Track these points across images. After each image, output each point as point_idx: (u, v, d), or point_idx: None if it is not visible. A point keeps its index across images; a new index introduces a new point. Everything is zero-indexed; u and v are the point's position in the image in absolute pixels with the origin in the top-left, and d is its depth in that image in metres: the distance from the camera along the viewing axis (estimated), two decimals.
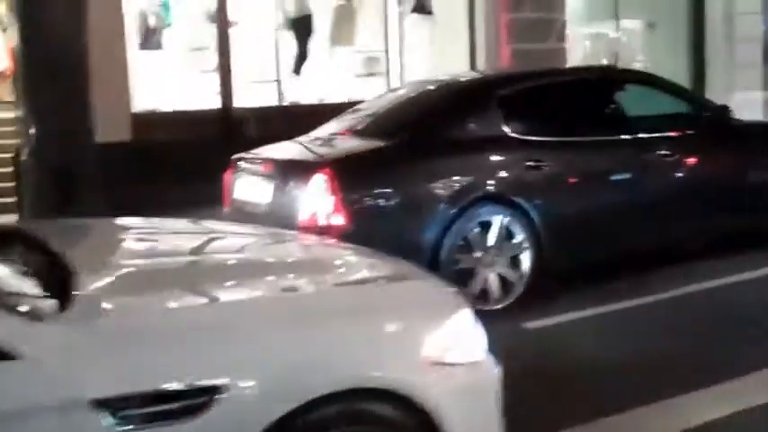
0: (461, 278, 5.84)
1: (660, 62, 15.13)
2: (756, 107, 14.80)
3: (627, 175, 6.66)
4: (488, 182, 6.04)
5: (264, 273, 3.25)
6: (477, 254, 5.95)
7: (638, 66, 14.72)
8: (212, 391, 2.51)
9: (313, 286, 3.16)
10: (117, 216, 4.44)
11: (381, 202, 5.79)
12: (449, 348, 3.06)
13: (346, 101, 9.92)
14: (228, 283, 3.07)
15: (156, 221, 4.21)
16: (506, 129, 6.24)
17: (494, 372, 3.27)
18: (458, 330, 3.14)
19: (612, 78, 7.21)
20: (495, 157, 6.18)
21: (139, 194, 9.20)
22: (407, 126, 6.37)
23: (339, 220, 5.61)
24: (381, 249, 5.37)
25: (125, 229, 4.09)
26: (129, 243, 3.87)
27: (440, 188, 5.90)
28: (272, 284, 3.12)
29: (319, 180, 5.66)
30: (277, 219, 5.88)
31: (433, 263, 5.77)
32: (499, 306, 6.00)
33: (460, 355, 3.10)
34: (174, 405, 2.47)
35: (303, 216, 5.69)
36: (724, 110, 7.35)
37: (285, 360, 2.67)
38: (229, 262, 3.50)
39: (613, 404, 4.30)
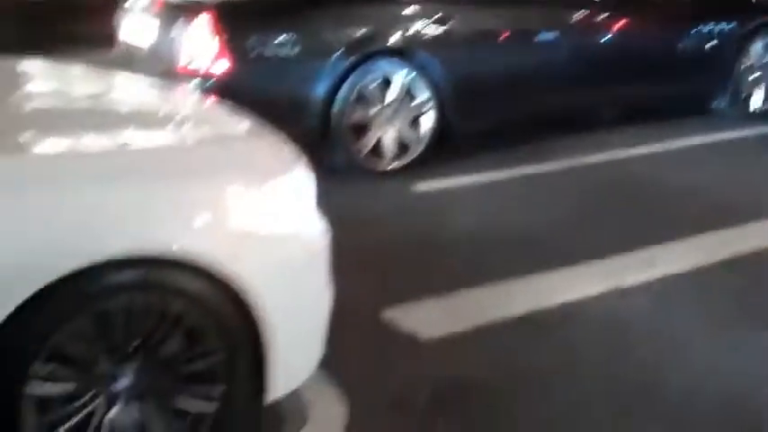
0: (354, 135, 5.59)
1: None
2: None
3: (541, 36, 6.29)
4: (390, 34, 5.67)
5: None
6: (373, 110, 5.64)
7: None
8: None
9: (115, 144, 2.82)
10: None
11: (271, 49, 5.40)
12: (269, 216, 2.79)
13: None
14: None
15: None
16: None
17: (323, 241, 3.02)
18: (282, 196, 2.84)
19: None
20: (399, 9, 5.77)
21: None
22: None
23: (222, 66, 5.24)
24: (265, 98, 5.20)
25: None
26: None
27: (337, 38, 5.53)
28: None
29: (202, 21, 5.25)
30: (158, 62, 5.53)
31: (324, 117, 5.50)
32: (391, 167, 5.75)
33: (283, 224, 2.84)
34: None
35: (183, 60, 5.32)
36: None
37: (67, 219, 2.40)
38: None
39: (477, 276, 4.09)
